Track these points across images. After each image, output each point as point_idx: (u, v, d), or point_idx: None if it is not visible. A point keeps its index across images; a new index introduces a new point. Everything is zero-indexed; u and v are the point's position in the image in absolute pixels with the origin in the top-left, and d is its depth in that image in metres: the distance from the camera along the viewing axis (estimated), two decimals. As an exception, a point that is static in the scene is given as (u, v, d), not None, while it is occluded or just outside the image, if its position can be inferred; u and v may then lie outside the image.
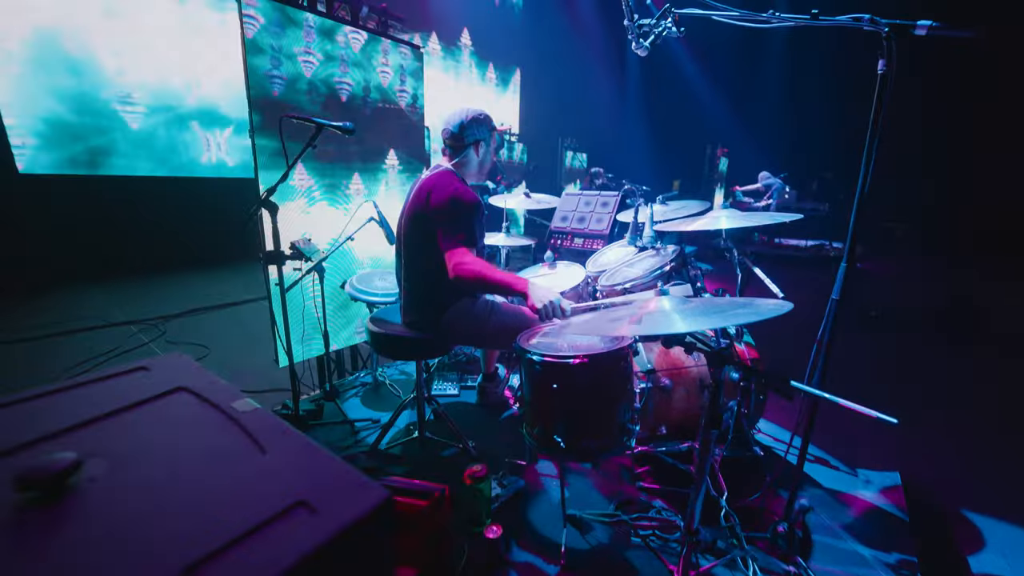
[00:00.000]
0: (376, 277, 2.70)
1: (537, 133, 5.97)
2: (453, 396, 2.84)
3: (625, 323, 1.22)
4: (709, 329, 1.84)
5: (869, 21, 1.22)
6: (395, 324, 2.02)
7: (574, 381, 1.61)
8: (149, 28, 5.37)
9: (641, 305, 1.28)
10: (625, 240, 2.42)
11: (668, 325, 1.10)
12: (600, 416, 1.65)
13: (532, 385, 1.70)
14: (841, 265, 1.37)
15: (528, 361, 1.64)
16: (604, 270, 2.22)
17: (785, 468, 2.03)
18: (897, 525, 1.83)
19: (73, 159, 5.07)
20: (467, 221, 1.80)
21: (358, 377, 3.03)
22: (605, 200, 2.87)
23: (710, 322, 1.10)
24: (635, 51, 1.77)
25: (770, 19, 1.42)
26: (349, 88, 2.91)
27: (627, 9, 1.67)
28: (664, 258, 1.91)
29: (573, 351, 1.61)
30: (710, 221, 1.81)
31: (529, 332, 1.88)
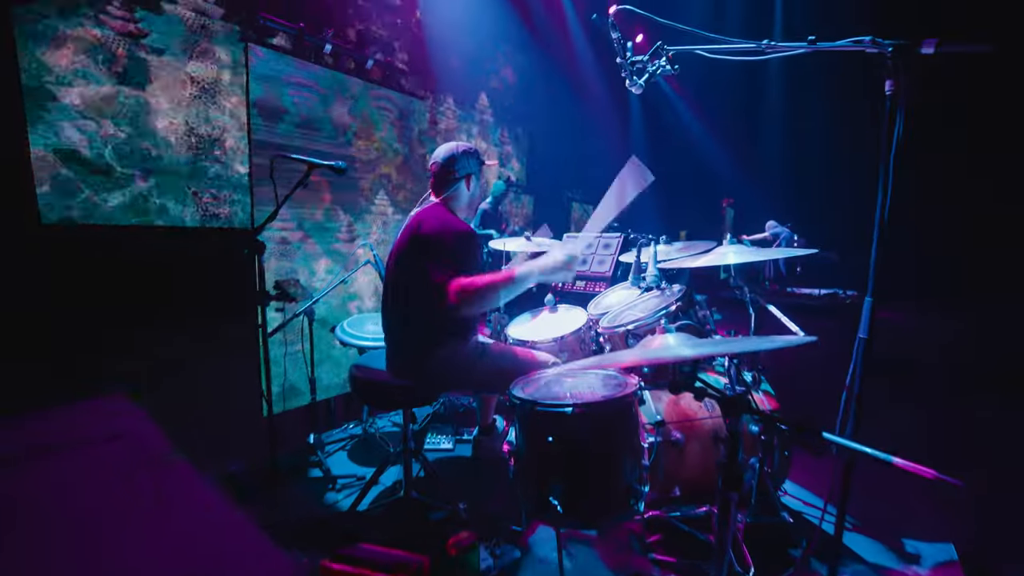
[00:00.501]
0: (369, 321, 2.59)
1: (544, 186, 6.06)
2: (447, 451, 2.63)
3: (628, 356, 1.07)
4: (722, 373, 1.67)
5: (871, 43, 1.16)
6: (380, 371, 1.88)
7: (572, 434, 1.44)
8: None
9: (645, 344, 1.14)
10: (628, 282, 2.31)
11: (673, 353, 0.96)
12: (603, 475, 1.46)
13: (525, 438, 1.52)
14: (866, 300, 1.22)
15: (521, 410, 1.48)
16: (606, 312, 2.09)
17: (820, 538, 1.77)
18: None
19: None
20: (462, 251, 1.70)
21: (347, 428, 2.84)
22: (607, 242, 2.79)
23: (719, 350, 0.95)
24: (629, 88, 1.74)
25: (764, 49, 1.38)
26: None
27: (619, 47, 1.66)
28: (669, 297, 1.78)
29: (572, 399, 1.45)
30: (717, 257, 1.70)
31: (527, 378, 1.73)
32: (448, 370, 1.81)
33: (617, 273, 2.67)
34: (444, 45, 3.99)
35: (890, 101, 1.16)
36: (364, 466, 2.48)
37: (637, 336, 1.69)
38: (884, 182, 1.17)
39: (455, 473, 2.43)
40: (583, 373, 1.62)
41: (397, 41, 3.55)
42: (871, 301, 1.22)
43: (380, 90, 3.41)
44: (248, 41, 2.61)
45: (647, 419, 1.79)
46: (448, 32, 4.01)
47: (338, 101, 3.12)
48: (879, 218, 1.19)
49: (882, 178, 1.18)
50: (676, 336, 1.09)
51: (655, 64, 1.69)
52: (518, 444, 1.58)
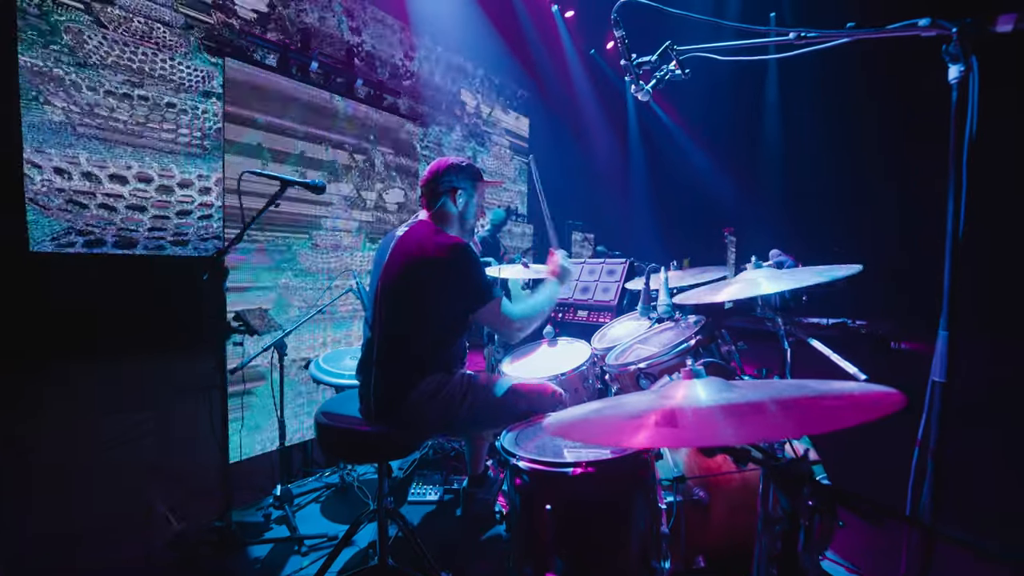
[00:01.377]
0: (348, 355, 2.33)
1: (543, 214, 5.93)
2: (433, 503, 2.32)
3: (646, 425, 0.82)
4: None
5: (931, 25, 0.96)
6: (353, 417, 1.62)
7: (576, 500, 1.17)
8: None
9: (665, 394, 0.89)
10: (636, 312, 2.07)
11: (716, 430, 0.71)
12: (615, 550, 1.18)
13: (520, 504, 1.25)
14: (940, 334, 0.98)
15: (513, 470, 1.22)
16: (612, 346, 1.84)
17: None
18: None
19: None
20: (478, 269, 1.59)
21: (323, 476, 2.54)
22: (611, 268, 2.57)
23: (786, 425, 0.70)
24: (635, 95, 1.56)
25: (795, 42, 1.19)
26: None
27: (623, 48, 1.48)
28: (686, 330, 1.54)
29: (574, 456, 1.19)
30: (747, 287, 1.46)
31: (523, 424, 1.47)
32: (429, 410, 1.54)
33: (623, 303, 2.43)
34: (442, 76, 3.93)
35: (957, 90, 0.95)
36: (339, 522, 2.18)
37: (650, 376, 1.44)
38: (956, 188, 0.95)
39: (441, 532, 2.12)
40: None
41: (395, 71, 3.45)
42: (947, 336, 0.98)
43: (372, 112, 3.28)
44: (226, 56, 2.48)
45: (663, 475, 1.51)
46: (444, 67, 3.95)
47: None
48: (951, 232, 0.97)
49: (953, 183, 0.96)
50: (707, 384, 0.85)
51: (663, 69, 1.51)
52: (511, 507, 1.31)
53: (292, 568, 1.84)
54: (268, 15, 2.65)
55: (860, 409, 0.68)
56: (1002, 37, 0.92)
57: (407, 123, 3.58)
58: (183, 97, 2.29)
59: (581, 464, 1.13)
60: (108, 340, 1.86)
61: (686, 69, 1.49)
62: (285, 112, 2.70)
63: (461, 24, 4.13)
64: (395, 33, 3.45)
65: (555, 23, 6.19)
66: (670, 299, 1.72)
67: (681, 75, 1.51)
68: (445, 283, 1.56)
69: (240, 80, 2.52)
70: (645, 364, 1.45)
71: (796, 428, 0.72)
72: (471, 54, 4.39)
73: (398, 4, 3.44)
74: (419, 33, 3.65)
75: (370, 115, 3.25)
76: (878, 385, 0.80)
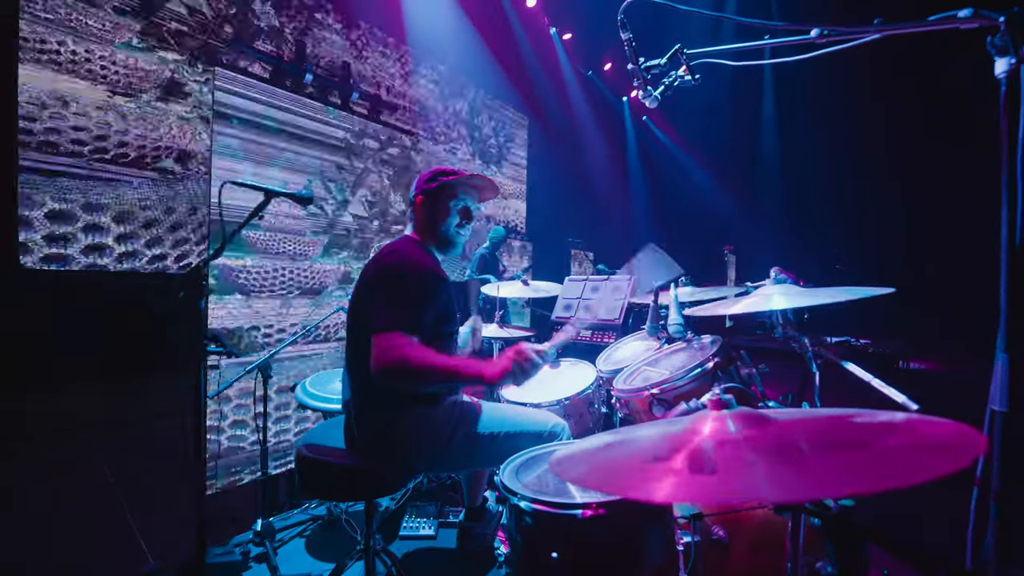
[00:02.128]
0: (336, 379, 2.20)
1: (543, 231, 5.89)
2: (428, 538, 2.16)
3: (674, 470, 0.69)
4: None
5: (975, 16, 0.88)
6: (337, 449, 1.47)
7: (586, 544, 1.03)
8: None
9: (689, 427, 0.76)
10: (644, 331, 1.95)
11: (760, 481, 0.58)
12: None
13: (523, 547, 1.11)
14: (999, 356, 0.86)
15: (514, 510, 1.08)
16: (619, 368, 1.72)
17: None
18: None
19: None
20: (411, 296, 1.34)
21: (309, 508, 2.37)
22: (616, 284, 2.46)
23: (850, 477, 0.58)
24: (643, 100, 1.47)
25: (817, 41, 1.10)
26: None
27: (631, 51, 1.40)
28: (702, 352, 1.42)
29: (583, 495, 1.06)
30: (759, 301, 1.35)
31: (523, 456, 1.34)
32: (418, 442, 1.40)
33: (628, 322, 2.32)
34: (437, 92, 3.90)
35: (1006, 84, 0.86)
36: (325, 560, 2.01)
37: (664, 402, 1.31)
38: (1011, 192, 0.85)
39: (435, 571, 1.95)
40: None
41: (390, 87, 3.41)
42: (1007, 358, 0.86)
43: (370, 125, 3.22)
44: (219, 66, 2.41)
45: (680, 512, 1.37)
46: (439, 85, 3.93)
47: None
48: (1007, 240, 0.86)
49: (1007, 186, 0.86)
50: (740, 419, 0.73)
51: (672, 74, 1.43)
52: (515, 546, 1.16)
53: (270, 615, 1.68)
54: (265, 28, 2.60)
55: (935, 453, 0.56)
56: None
57: (403, 137, 3.52)
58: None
59: (591, 505, 1.00)
60: (71, 362, 1.72)
61: (696, 74, 1.41)
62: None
63: (459, 44, 4.13)
64: (392, 52, 3.42)
65: (553, 45, 6.24)
66: (681, 317, 1.60)
67: (691, 81, 1.43)
68: (376, 294, 1.36)
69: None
70: (659, 390, 1.33)
71: (857, 484, 0.58)
72: (471, 74, 4.38)
73: (397, 26, 3.42)
74: (417, 53, 3.63)
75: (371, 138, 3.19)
76: (941, 420, 0.68)
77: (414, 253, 1.43)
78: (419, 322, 1.31)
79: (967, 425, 0.62)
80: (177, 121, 2.23)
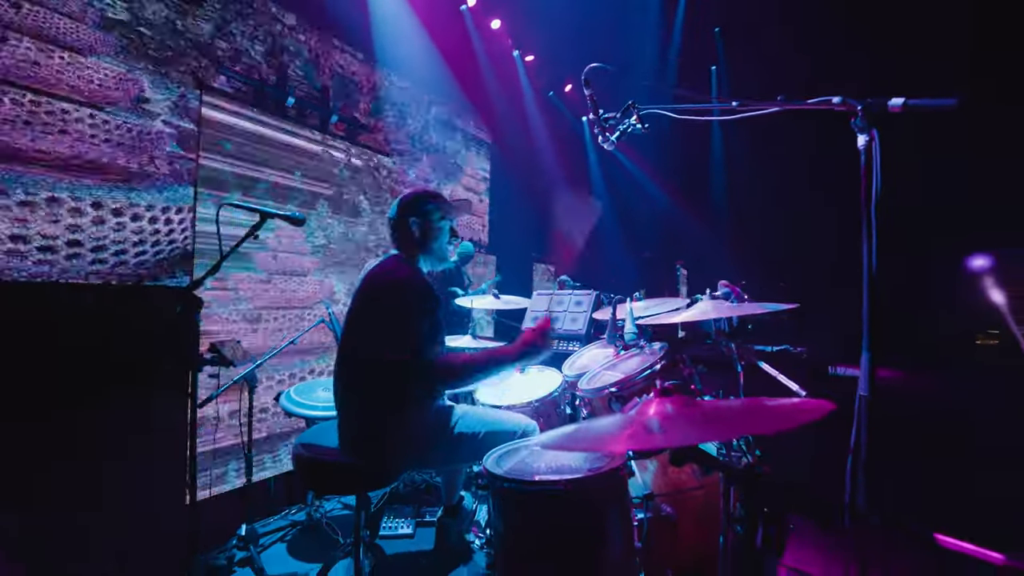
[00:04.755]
0: (320, 387, 2.31)
1: (505, 246, 6.12)
2: (407, 536, 2.30)
3: (619, 433, 0.93)
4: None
5: (841, 103, 1.19)
6: (331, 449, 1.62)
7: (564, 516, 1.24)
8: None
9: (641, 410, 1.00)
10: (603, 340, 2.21)
11: (687, 433, 0.82)
12: (597, 564, 1.25)
13: (506, 523, 1.31)
14: (863, 355, 1.16)
15: (497, 492, 1.28)
16: (582, 373, 1.95)
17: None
18: None
19: None
20: (428, 310, 1.53)
21: (288, 514, 2.45)
22: (579, 299, 2.72)
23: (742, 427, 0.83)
24: (602, 144, 1.74)
25: (737, 109, 1.40)
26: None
27: (592, 104, 1.67)
28: (652, 356, 1.68)
29: (555, 474, 1.27)
30: (697, 312, 1.63)
31: (500, 450, 1.53)
32: (410, 443, 1.58)
33: (590, 332, 2.58)
34: (402, 109, 4.07)
35: (864, 155, 1.17)
36: (307, 561, 2.11)
37: (622, 399, 1.56)
38: (868, 233, 1.16)
39: (416, 566, 2.10)
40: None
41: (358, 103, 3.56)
42: (868, 356, 1.16)
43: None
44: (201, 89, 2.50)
45: (634, 493, 1.61)
46: (403, 103, 4.11)
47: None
48: (867, 269, 1.17)
49: (865, 229, 1.16)
50: (674, 399, 0.97)
51: (625, 123, 1.70)
52: (497, 530, 1.36)
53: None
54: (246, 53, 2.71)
55: (800, 414, 0.82)
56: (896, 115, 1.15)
57: (380, 157, 3.68)
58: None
59: (562, 482, 1.21)
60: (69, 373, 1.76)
61: (646, 124, 1.69)
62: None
63: (423, 63, 4.33)
64: (359, 67, 3.56)
65: (515, 66, 6.56)
66: (635, 328, 1.87)
67: (641, 129, 1.71)
68: (393, 311, 1.54)
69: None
70: (616, 388, 1.57)
71: (751, 428, 0.85)
72: (434, 91, 4.59)
73: (366, 40, 3.57)
74: (383, 69, 3.78)
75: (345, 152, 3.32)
76: (814, 399, 0.95)
77: (414, 273, 1.62)
78: (439, 333, 1.57)
79: (825, 400, 0.90)
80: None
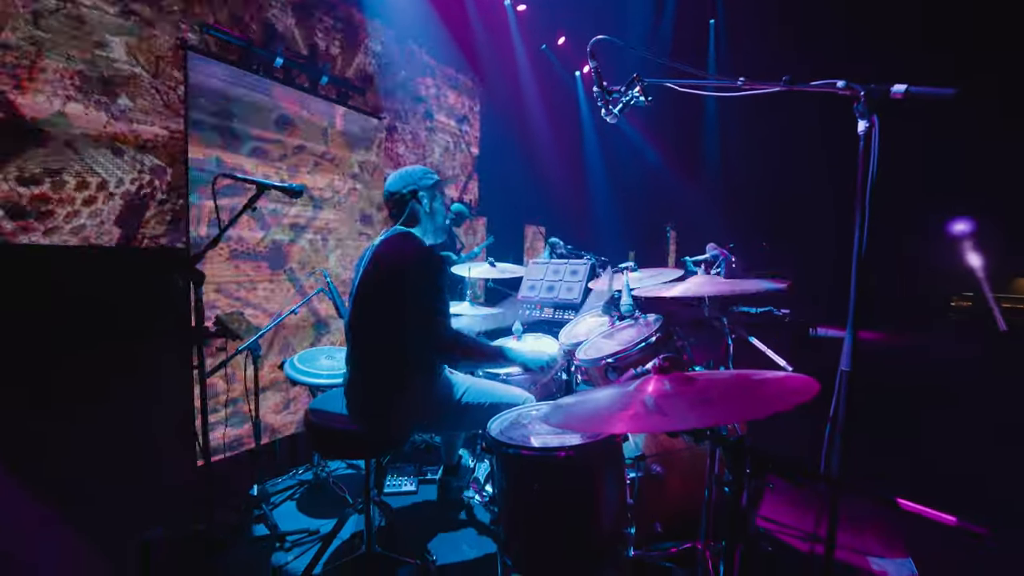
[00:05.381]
0: (323, 355, 2.37)
1: (497, 207, 6.07)
2: (410, 493, 2.44)
3: (621, 414, 1.00)
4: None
5: (845, 87, 1.20)
6: (339, 415, 1.69)
7: (564, 479, 1.34)
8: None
9: (636, 388, 1.07)
10: (598, 310, 2.27)
11: (684, 417, 0.89)
12: (595, 519, 1.37)
13: (509, 486, 1.41)
14: (847, 333, 1.24)
15: (503, 458, 1.37)
16: (580, 342, 2.03)
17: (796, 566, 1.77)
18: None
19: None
20: (439, 283, 1.62)
21: (296, 474, 2.57)
22: (575, 268, 2.77)
23: (735, 412, 0.90)
24: (604, 117, 1.73)
25: (741, 87, 1.40)
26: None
27: (597, 76, 1.65)
28: (647, 328, 1.76)
29: (556, 439, 1.36)
30: (691, 287, 1.69)
31: (502, 417, 1.62)
32: (418, 412, 1.66)
33: (585, 301, 2.64)
34: (387, 62, 3.90)
35: (864, 140, 1.20)
36: (317, 518, 2.24)
37: (618, 369, 1.64)
38: (861, 216, 1.21)
39: (420, 519, 2.24)
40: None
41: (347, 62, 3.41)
42: (852, 334, 1.24)
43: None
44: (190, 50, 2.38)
45: (627, 454, 1.73)
46: (390, 55, 3.93)
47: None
48: (857, 250, 1.22)
49: (859, 212, 1.21)
50: (672, 380, 1.04)
51: (629, 95, 1.69)
52: (502, 490, 1.46)
53: (279, 563, 1.90)
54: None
55: (789, 394, 0.90)
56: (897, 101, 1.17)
57: (370, 118, 3.56)
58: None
59: (564, 448, 1.30)
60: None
61: (649, 96, 1.68)
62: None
63: (415, 15, 4.13)
64: (346, 18, 3.39)
65: (507, 17, 6.25)
66: (631, 299, 1.93)
67: (644, 101, 1.70)
68: (416, 288, 1.62)
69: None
70: (613, 359, 1.65)
71: (742, 414, 0.93)
72: (425, 44, 4.40)
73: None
74: (371, 18, 3.60)
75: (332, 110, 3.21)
76: (800, 375, 1.03)
77: (427, 248, 1.67)
78: (447, 303, 1.65)
79: (813, 380, 0.97)
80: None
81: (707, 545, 1.57)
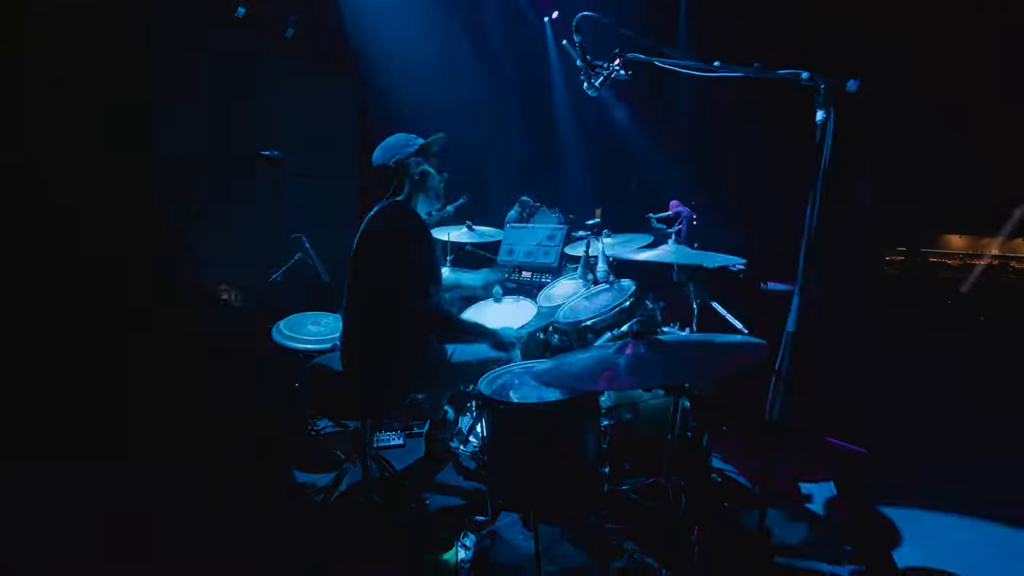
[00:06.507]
0: (308, 321, 2.42)
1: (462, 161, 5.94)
2: (398, 447, 2.61)
3: (600, 374, 1.15)
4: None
5: (808, 79, 1.32)
6: (337, 376, 1.80)
7: (545, 429, 1.52)
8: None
9: (615, 351, 1.22)
10: (574, 273, 2.41)
11: (656, 375, 1.06)
12: (577, 461, 1.57)
13: (500, 437, 1.58)
14: (794, 298, 1.42)
15: (494, 411, 1.53)
16: (558, 304, 2.18)
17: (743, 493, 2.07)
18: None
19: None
20: (419, 259, 1.69)
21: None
22: (551, 233, 2.88)
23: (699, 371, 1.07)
24: (586, 91, 1.79)
25: (715, 69, 1.49)
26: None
27: (580, 50, 1.69)
28: (622, 293, 1.91)
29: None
30: (660, 253, 1.85)
31: (493, 374, 1.77)
32: (415, 372, 1.79)
33: (561, 265, 2.77)
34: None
35: (819, 129, 1.33)
36: (311, 472, 2.37)
37: (595, 331, 1.80)
38: (813, 196, 1.36)
39: (413, 470, 2.42)
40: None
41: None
42: (798, 298, 1.42)
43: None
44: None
45: (601, 404, 1.93)
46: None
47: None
48: (807, 227, 1.38)
49: (812, 193, 1.36)
50: (645, 345, 1.20)
51: (609, 68, 1.74)
52: (491, 441, 1.63)
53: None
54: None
55: (742, 356, 1.08)
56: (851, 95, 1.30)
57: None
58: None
59: (550, 403, 1.47)
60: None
61: (629, 70, 1.74)
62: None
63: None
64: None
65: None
66: (606, 265, 2.07)
67: (624, 75, 1.76)
68: (396, 262, 1.70)
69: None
70: (591, 322, 1.81)
71: (704, 373, 1.10)
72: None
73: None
74: None
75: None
76: (753, 338, 1.21)
77: (420, 220, 1.74)
78: (437, 273, 1.75)
79: (763, 343, 1.15)
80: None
81: (669, 479, 1.82)
